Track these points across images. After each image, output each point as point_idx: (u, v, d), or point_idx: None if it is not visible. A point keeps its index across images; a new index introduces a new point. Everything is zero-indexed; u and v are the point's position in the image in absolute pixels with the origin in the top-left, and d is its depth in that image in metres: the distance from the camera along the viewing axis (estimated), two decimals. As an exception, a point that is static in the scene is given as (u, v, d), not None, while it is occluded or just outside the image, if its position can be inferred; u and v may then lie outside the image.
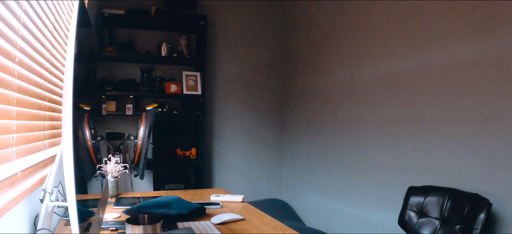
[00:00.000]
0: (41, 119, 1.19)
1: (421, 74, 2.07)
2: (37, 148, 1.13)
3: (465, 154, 1.78)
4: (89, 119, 1.05)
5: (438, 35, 1.96)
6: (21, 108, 0.97)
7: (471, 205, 1.27)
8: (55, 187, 0.94)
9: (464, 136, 1.80)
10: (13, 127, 0.92)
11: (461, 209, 1.25)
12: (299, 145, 3.42)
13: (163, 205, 1.44)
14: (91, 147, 1.06)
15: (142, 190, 2.70)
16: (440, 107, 1.94)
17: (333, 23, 2.92)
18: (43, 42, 1.20)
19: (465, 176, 1.77)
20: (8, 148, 0.89)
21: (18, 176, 0.95)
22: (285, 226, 1.36)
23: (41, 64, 1.17)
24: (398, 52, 2.24)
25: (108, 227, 1.24)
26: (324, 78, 3.00)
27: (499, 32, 1.64)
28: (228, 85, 3.58)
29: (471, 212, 1.25)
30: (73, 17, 0.74)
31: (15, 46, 0.91)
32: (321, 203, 2.99)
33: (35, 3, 1.07)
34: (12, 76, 0.90)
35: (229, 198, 1.78)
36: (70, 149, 0.66)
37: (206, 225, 1.32)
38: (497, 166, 1.64)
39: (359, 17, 2.60)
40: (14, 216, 0.90)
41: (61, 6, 1.44)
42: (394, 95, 2.25)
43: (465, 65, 1.80)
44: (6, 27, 0.85)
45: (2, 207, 0.76)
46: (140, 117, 2.14)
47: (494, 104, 1.66)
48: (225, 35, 3.58)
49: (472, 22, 1.77)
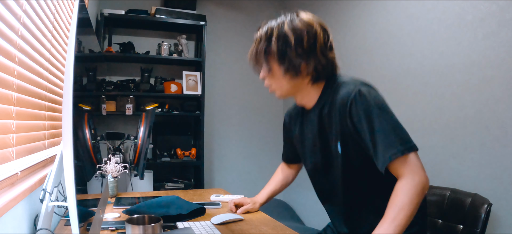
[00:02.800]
0: (41, 119, 1.19)
1: (421, 74, 2.07)
2: (37, 148, 1.13)
3: (465, 154, 1.78)
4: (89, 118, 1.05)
5: (438, 35, 1.96)
6: (21, 108, 0.97)
7: (471, 204, 1.27)
8: (55, 187, 0.94)
9: (464, 136, 1.80)
10: (13, 127, 0.92)
11: (461, 208, 1.25)
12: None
13: (163, 205, 1.44)
14: (91, 147, 1.06)
15: (142, 190, 2.70)
16: (441, 107, 1.94)
17: (333, 23, 2.92)
18: (43, 42, 1.20)
19: (465, 175, 1.77)
20: (8, 148, 0.89)
21: (18, 176, 0.95)
22: (285, 226, 1.36)
23: (41, 64, 1.17)
24: (398, 52, 2.24)
25: (108, 227, 1.24)
26: (324, 78, 3.00)
27: (499, 32, 1.63)
28: (228, 85, 3.58)
29: (472, 211, 1.25)
30: (73, 17, 0.74)
31: (15, 46, 0.91)
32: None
33: (35, 3, 1.07)
34: (12, 76, 0.90)
35: (229, 198, 1.78)
36: (70, 149, 0.66)
37: (206, 225, 1.32)
38: (497, 166, 1.64)
39: (359, 17, 2.60)
40: (14, 216, 0.90)
41: (61, 6, 1.44)
42: (394, 95, 2.25)
43: (465, 65, 1.80)
44: (6, 27, 0.85)
45: (2, 207, 0.76)
46: (140, 117, 2.14)
47: (494, 104, 1.66)
48: (225, 35, 3.58)
49: (472, 22, 1.77)
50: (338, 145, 1.04)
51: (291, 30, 1.03)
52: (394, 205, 0.93)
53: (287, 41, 1.02)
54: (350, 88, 1.01)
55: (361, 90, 0.99)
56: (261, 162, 3.69)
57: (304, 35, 1.02)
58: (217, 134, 3.55)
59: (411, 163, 0.94)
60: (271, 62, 1.08)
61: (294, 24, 1.05)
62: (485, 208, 1.23)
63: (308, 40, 1.03)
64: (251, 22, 3.68)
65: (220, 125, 3.55)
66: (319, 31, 1.05)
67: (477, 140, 1.73)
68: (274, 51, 1.05)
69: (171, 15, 3.09)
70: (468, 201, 1.29)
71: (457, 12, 1.85)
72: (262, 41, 1.07)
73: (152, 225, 1.03)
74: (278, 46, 1.04)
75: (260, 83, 3.76)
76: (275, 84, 1.11)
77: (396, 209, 0.92)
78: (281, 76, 1.08)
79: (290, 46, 1.02)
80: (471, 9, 1.77)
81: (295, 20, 1.06)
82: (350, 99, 0.99)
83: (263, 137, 3.70)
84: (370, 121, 0.96)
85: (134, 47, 3.08)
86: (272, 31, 1.05)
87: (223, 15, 3.57)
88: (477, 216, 1.23)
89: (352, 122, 0.99)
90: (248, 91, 3.65)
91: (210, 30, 3.44)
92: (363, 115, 0.96)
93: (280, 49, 1.04)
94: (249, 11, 3.67)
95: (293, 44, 1.02)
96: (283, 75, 1.07)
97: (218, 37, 3.55)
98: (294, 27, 1.04)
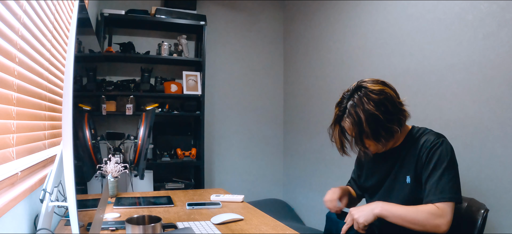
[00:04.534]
0: (41, 119, 1.19)
1: (421, 74, 2.06)
2: (37, 148, 1.13)
3: (465, 154, 1.78)
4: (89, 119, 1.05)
5: (438, 35, 1.96)
6: (21, 108, 0.97)
7: (467, 209, 1.25)
8: (55, 187, 0.94)
9: (464, 136, 1.79)
10: (13, 127, 0.92)
11: (457, 213, 1.24)
12: (299, 144, 3.42)
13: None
14: (91, 147, 1.06)
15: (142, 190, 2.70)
16: (441, 107, 1.93)
17: (333, 23, 2.92)
18: (43, 42, 1.20)
19: (465, 175, 1.77)
20: (8, 148, 0.89)
21: (18, 176, 0.95)
22: (285, 226, 1.36)
23: (41, 64, 1.17)
24: (398, 52, 2.23)
25: (108, 227, 1.24)
26: (324, 78, 3.00)
27: (499, 32, 1.63)
28: (228, 85, 3.58)
29: (468, 217, 1.23)
30: (73, 17, 0.74)
31: (15, 46, 0.91)
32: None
33: (35, 3, 1.07)
34: (12, 76, 0.90)
35: (229, 198, 1.78)
36: (70, 149, 0.66)
37: (206, 225, 1.32)
38: (498, 166, 1.64)
39: (359, 17, 2.60)
40: (14, 216, 0.90)
41: (61, 6, 1.44)
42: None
43: (465, 65, 1.80)
44: (6, 27, 0.85)
45: (2, 207, 0.76)
46: (140, 117, 2.14)
47: (494, 104, 1.66)
48: (225, 35, 3.58)
49: (472, 22, 1.77)
50: (407, 177, 1.23)
51: (373, 106, 1.15)
52: (412, 206, 1.14)
53: (377, 119, 1.15)
54: (435, 137, 1.21)
55: (444, 141, 1.19)
56: (261, 162, 3.69)
57: (387, 104, 1.16)
58: (217, 134, 3.55)
59: (447, 209, 1.10)
60: (367, 142, 1.21)
61: (371, 98, 1.16)
62: (482, 213, 1.20)
63: (392, 107, 1.17)
64: (251, 22, 3.68)
65: (220, 125, 3.55)
66: (390, 91, 1.19)
67: (477, 140, 1.73)
68: (368, 132, 1.17)
69: (171, 15, 3.09)
70: (464, 206, 1.26)
71: (457, 12, 1.84)
72: (354, 129, 1.18)
73: (152, 225, 1.04)
74: (370, 128, 1.16)
75: (260, 83, 3.76)
76: (373, 148, 1.25)
77: (409, 209, 1.13)
78: (379, 144, 1.21)
79: (381, 121, 1.15)
80: (471, 9, 1.77)
81: (368, 94, 1.16)
82: (434, 144, 1.18)
83: (263, 137, 3.70)
84: (440, 163, 1.15)
85: (134, 47, 3.08)
86: (358, 114, 1.16)
87: (223, 15, 3.57)
88: (474, 222, 1.20)
89: (426, 161, 1.17)
90: (248, 91, 3.65)
91: (210, 30, 3.44)
92: (436, 157, 1.16)
93: (373, 130, 1.16)
94: (249, 11, 3.67)
95: (382, 118, 1.15)
96: (382, 143, 1.21)
97: (218, 37, 3.55)
98: (373, 100, 1.15)
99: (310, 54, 3.24)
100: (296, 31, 3.53)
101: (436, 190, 1.12)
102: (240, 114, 3.62)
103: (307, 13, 3.31)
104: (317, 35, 3.14)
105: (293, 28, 3.60)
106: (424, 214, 1.10)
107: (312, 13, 3.23)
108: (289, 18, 3.68)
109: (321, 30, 3.08)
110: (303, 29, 3.38)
